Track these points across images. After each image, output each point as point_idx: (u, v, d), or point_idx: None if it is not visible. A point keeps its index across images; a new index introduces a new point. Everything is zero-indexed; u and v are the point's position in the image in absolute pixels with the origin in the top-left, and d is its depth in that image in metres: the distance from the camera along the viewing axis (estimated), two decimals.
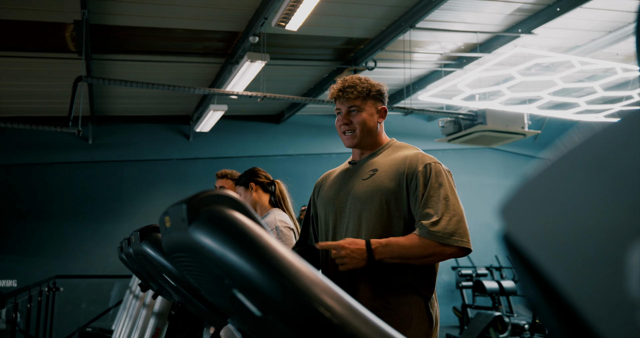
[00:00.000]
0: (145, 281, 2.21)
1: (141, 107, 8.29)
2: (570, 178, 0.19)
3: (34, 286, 4.86)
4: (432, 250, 1.64)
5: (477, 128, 6.74)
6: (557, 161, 0.20)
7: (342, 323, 0.43)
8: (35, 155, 7.98)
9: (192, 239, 0.53)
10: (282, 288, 0.45)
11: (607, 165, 0.18)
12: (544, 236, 0.19)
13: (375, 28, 5.86)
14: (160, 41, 5.83)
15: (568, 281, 0.18)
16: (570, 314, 0.18)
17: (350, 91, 1.82)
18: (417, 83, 7.57)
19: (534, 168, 0.22)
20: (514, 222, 0.20)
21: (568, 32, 6.07)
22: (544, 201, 0.20)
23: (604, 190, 0.18)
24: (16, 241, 7.70)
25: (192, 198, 0.55)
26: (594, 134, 0.19)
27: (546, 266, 0.19)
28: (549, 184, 0.20)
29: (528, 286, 0.20)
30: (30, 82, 6.62)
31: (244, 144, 8.95)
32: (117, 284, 7.73)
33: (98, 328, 5.66)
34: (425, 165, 1.72)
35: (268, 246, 0.47)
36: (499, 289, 7.44)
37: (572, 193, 0.19)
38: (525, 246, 0.20)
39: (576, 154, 0.19)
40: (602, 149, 0.19)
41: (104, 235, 7.94)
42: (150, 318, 2.87)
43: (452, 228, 1.65)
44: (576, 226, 0.18)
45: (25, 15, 4.94)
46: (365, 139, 1.86)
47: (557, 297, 0.18)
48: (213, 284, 0.63)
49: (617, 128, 0.19)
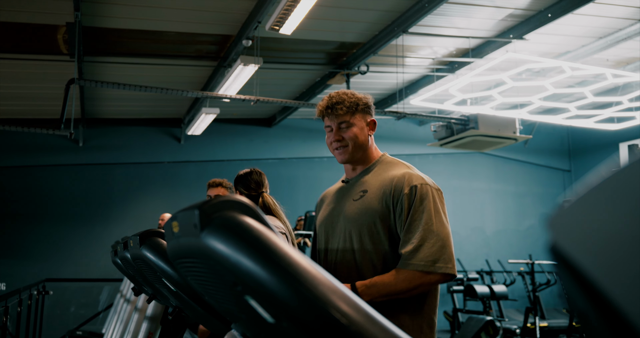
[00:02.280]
0: (139, 285, 2.20)
1: (133, 110, 8.25)
2: (615, 195, 0.20)
3: (23, 290, 4.82)
4: (418, 281, 1.62)
5: (469, 133, 6.78)
6: (606, 180, 0.21)
7: (359, 330, 0.43)
8: (26, 157, 7.91)
9: (205, 245, 0.53)
10: (298, 294, 0.45)
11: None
12: (591, 246, 0.20)
13: (368, 32, 5.89)
14: (152, 44, 5.81)
15: (619, 292, 0.18)
16: (620, 321, 0.18)
17: (339, 108, 1.79)
18: (409, 87, 7.60)
19: (582, 185, 0.22)
20: (562, 233, 0.21)
21: (559, 37, 6.13)
22: (591, 215, 0.20)
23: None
24: (5, 244, 7.62)
25: (204, 203, 0.55)
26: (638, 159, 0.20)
27: (592, 274, 0.19)
28: (595, 200, 0.20)
29: (576, 294, 0.20)
30: (22, 84, 6.58)
31: (235, 148, 8.93)
32: (106, 287, 7.67)
33: (88, 332, 5.62)
34: (411, 188, 1.69)
35: (283, 253, 0.47)
36: (490, 293, 7.46)
37: (617, 208, 0.19)
38: (575, 256, 0.20)
39: (623, 174, 0.20)
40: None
41: (94, 238, 7.88)
42: (142, 322, 2.86)
43: (434, 255, 1.61)
44: (622, 237, 0.19)
45: (18, 17, 4.91)
46: (358, 154, 1.84)
47: (606, 305, 0.19)
48: (221, 290, 0.63)
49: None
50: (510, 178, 10.59)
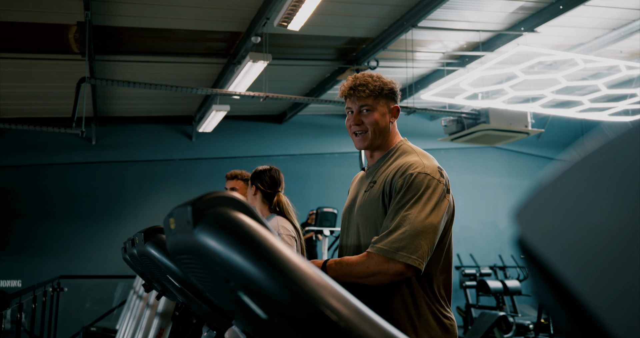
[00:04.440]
0: (149, 281, 2.21)
1: (144, 108, 8.31)
2: (585, 183, 0.19)
3: (38, 287, 4.87)
4: (376, 267, 1.51)
5: (480, 127, 6.73)
6: (573, 167, 0.20)
7: (348, 326, 0.43)
8: (40, 156, 8.00)
9: (197, 241, 0.53)
10: (288, 290, 0.44)
11: (620, 171, 0.18)
12: (559, 240, 0.19)
13: (377, 27, 5.86)
14: (162, 42, 5.83)
15: (585, 287, 0.18)
16: (586, 318, 0.18)
17: (362, 90, 1.70)
18: (420, 82, 7.56)
19: (549, 173, 0.21)
20: (529, 226, 0.20)
21: (571, 30, 6.05)
22: (559, 206, 0.19)
23: (618, 195, 0.18)
24: (21, 242, 7.73)
25: (197, 199, 0.55)
26: (609, 140, 0.19)
27: (561, 270, 0.19)
28: (564, 189, 0.20)
29: (541, 289, 0.20)
30: (34, 83, 6.64)
31: (246, 145, 8.96)
32: (120, 284, 7.74)
33: (102, 328, 5.67)
34: (407, 176, 1.59)
35: (274, 249, 0.47)
36: (503, 289, 7.42)
37: (587, 198, 0.19)
38: (540, 249, 0.19)
39: (591, 160, 0.19)
40: (616, 156, 0.18)
41: (108, 235, 7.96)
42: (154, 318, 2.88)
43: (400, 242, 1.49)
44: (592, 230, 0.18)
45: (29, 17, 4.96)
46: (377, 141, 1.75)
47: (573, 301, 0.18)
48: (218, 286, 0.63)
49: (631, 135, 0.18)
50: (524, 172, 10.50)
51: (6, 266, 7.51)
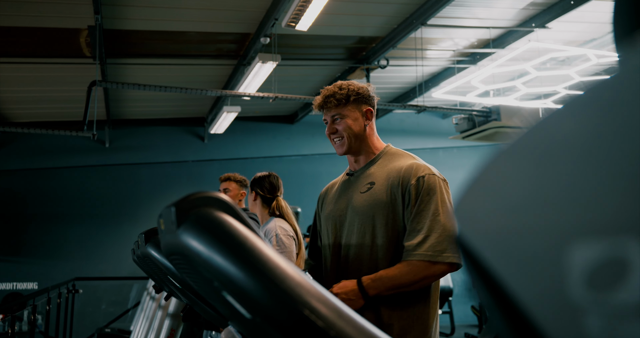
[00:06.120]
0: (158, 282, 2.23)
1: (156, 110, 8.36)
2: (516, 171, 0.18)
3: (52, 289, 4.93)
4: (423, 273, 1.62)
5: (491, 125, 6.68)
6: (503, 153, 0.19)
7: (327, 325, 0.42)
8: (55, 159, 8.10)
9: (181, 241, 0.53)
10: (266, 290, 0.44)
11: (550, 158, 0.17)
12: (492, 235, 0.18)
13: (386, 26, 5.84)
14: (172, 44, 5.87)
15: (515, 283, 0.17)
16: (519, 318, 0.17)
17: (330, 101, 1.82)
18: (430, 80, 7.51)
19: (483, 161, 0.21)
20: (465, 221, 0.19)
21: (583, 25, 5.98)
22: (491, 198, 0.19)
23: (547, 185, 0.17)
24: (37, 245, 7.82)
25: (182, 200, 0.55)
26: (540, 122, 0.19)
27: (495, 268, 0.18)
28: (496, 178, 0.19)
29: (479, 287, 0.19)
30: (47, 87, 6.72)
31: (258, 145, 8.98)
32: (135, 285, 7.81)
33: (117, 329, 5.72)
34: (418, 178, 1.69)
35: (253, 249, 0.46)
36: None
37: (518, 188, 0.18)
38: (475, 246, 0.19)
39: (522, 145, 0.19)
40: (548, 140, 0.18)
41: (122, 237, 8.02)
42: (165, 319, 2.90)
43: (442, 245, 1.62)
44: (521, 224, 0.17)
45: (40, 22, 5.01)
46: (355, 145, 1.85)
47: (505, 299, 0.17)
48: (207, 286, 0.63)
49: (561, 115, 0.18)
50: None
51: (22, 269, 7.61)
